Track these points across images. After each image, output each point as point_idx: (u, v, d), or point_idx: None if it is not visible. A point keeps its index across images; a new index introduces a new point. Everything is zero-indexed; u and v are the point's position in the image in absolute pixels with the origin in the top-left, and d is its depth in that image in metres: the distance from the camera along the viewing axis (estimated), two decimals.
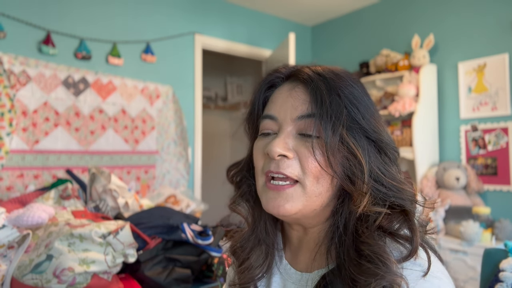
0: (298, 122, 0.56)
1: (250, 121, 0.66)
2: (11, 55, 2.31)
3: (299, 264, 0.62)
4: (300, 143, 0.56)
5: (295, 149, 0.56)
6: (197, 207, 2.32)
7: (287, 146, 0.55)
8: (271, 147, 0.55)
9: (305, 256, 0.62)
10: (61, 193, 1.49)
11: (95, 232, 1.05)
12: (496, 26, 2.63)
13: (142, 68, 2.88)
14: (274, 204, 0.56)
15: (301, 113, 0.56)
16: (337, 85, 0.55)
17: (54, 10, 2.52)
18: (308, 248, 0.61)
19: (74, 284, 0.97)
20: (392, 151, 0.57)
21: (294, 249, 0.64)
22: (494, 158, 2.61)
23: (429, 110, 2.84)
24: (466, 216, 2.50)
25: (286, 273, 0.63)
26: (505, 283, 0.89)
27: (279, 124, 0.58)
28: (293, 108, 0.57)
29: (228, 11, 3.37)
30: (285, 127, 0.57)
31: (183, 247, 1.26)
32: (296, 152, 0.55)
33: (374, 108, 0.58)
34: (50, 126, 2.45)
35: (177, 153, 3.05)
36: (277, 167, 0.55)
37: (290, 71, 0.61)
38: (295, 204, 0.55)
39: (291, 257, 0.64)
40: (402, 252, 0.51)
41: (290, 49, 3.04)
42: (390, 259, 0.49)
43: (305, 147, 0.55)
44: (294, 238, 0.64)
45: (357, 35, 3.53)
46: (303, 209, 0.56)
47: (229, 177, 0.69)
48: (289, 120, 0.57)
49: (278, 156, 0.55)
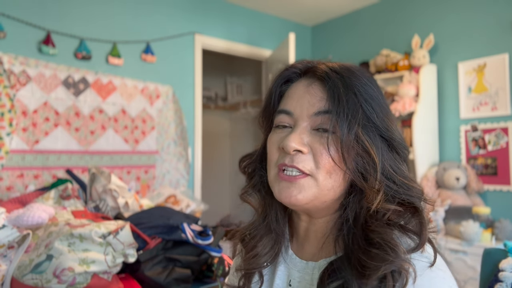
0: (314, 118, 0.58)
1: (265, 114, 0.67)
2: (11, 55, 2.31)
3: (305, 254, 0.64)
4: (315, 138, 0.57)
5: (310, 144, 0.57)
6: (197, 207, 2.33)
7: (302, 141, 0.57)
8: (287, 142, 0.56)
9: (311, 246, 0.63)
10: (61, 193, 1.49)
11: (95, 232, 1.05)
12: (496, 26, 2.63)
13: (142, 68, 2.88)
14: (286, 194, 0.57)
15: (317, 110, 0.57)
16: (353, 83, 0.57)
17: (54, 10, 2.52)
18: (315, 238, 0.63)
19: (74, 284, 0.97)
20: (403, 150, 0.59)
21: (300, 240, 0.66)
22: (494, 158, 2.61)
23: (429, 110, 2.84)
24: (466, 216, 2.50)
25: (291, 262, 0.64)
26: (504, 283, 0.89)
27: (295, 120, 0.59)
28: (310, 104, 0.58)
29: (228, 11, 3.37)
30: (301, 122, 0.58)
31: (183, 247, 1.26)
32: (310, 147, 0.57)
33: (388, 107, 0.60)
34: (50, 126, 2.46)
35: (177, 153, 3.05)
36: (291, 161, 0.57)
37: (307, 66, 0.62)
38: (307, 195, 0.56)
39: (297, 248, 0.66)
40: (410, 245, 0.53)
41: (290, 49, 3.04)
42: (399, 246, 0.50)
43: (320, 143, 0.56)
44: (301, 229, 0.65)
45: (357, 35, 3.53)
46: (314, 200, 0.57)
47: (241, 168, 0.70)
48: (305, 116, 0.58)
49: (294, 151, 0.56)
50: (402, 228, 0.54)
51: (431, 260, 0.52)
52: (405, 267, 0.49)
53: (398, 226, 0.54)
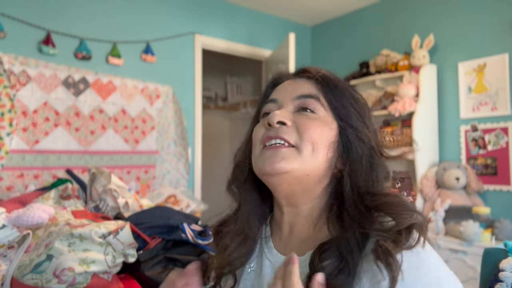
0: (297, 102, 0.61)
1: (255, 121, 0.70)
2: (11, 55, 2.31)
3: (291, 250, 0.62)
4: (299, 115, 0.60)
5: (294, 120, 0.60)
6: (197, 207, 2.33)
7: (286, 115, 0.60)
8: (271, 116, 0.59)
9: (297, 241, 0.62)
10: (61, 193, 1.49)
11: (95, 232, 1.05)
12: (496, 26, 2.63)
13: (142, 68, 2.88)
14: (270, 161, 0.57)
15: (300, 93, 0.61)
16: (339, 82, 0.63)
17: (54, 10, 2.52)
18: (300, 232, 0.62)
19: (74, 284, 0.97)
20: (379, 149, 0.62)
21: (284, 237, 0.64)
22: (494, 158, 2.61)
23: (429, 110, 2.84)
24: (466, 216, 2.50)
25: (276, 261, 0.63)
26: (505, 283, 0.89)
27: (279, 105, 0.63)
28: (293, 90, 0.62)
29: (228, 11, 3.37)
30: (285, 105, 0.62)
31: (183, 247, 1.26)
32: (294, 122, 0.59)
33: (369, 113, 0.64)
34: (50, 126, 2.45)
35: (177, 153, 3.05)
36: (276, 132, 0.59)
37: (295, 70, 0.67)
38: (290, 162, 0.57)
39: (282, 246, 0.64)
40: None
41: (290, 49, 3.04)
42: (409, 202, 0.54)
43: (304, 118, 0.59)
44: (285, 224, 0.64)
45: (357, 35, 3.53)
46: (297, 170, 0.57)
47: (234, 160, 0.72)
48: (289, 100, 0.62)
49: (277, 123, 0.59)
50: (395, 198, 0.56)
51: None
52: (422, 221, 0.51)
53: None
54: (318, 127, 0.58)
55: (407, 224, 0.50)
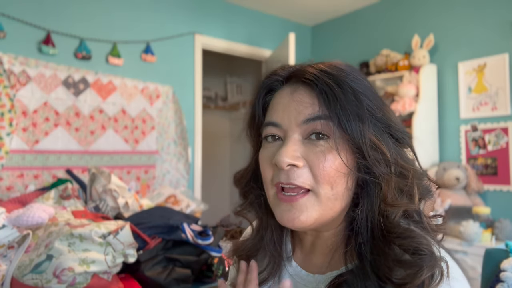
0: (304, 127, 0.53)
1: (251, 128, 0.63)
2: (11, 55, 2.31)
3: (312, 266, 0.60)
4: (309, 148, 0.53)
5: (304, 156, 0.52)
6: (197, 207, 2.32)
7: (296, 154, 0.52)
8: (279, 157, 0.51)
9: (319, 259, 0.60)
10: (61, 193, 1.49)
11: (95, 232, 1.05)
12: (496, 26, 2.63)
13: (142, 68, 2.88)
14: (288, 217, 0.53)
15: (307, 117, 0.53)
16: (346, 79, 0.52)
17: (54, 10, 2.51)
18: (322, 251, 0.59)
19: (74, 284, 0.97)
20: (404, 136, 0.56)
21: (306, 252, 0.62)
22: (494, 158, 2.61)
23: (429, 110, 2.84)
24: (466, 216, 2.50)
25: (297, 276, 0.61)
26: (506, 283, 0.89)
27: (284, 131, 0.55)
28: (297, 112, 0.53)
29: (228, 11, 3.37)
30: (291, 133, 0.54)
31: (183, 247, 1.26)
32: (305, 160, 0.52)
33: (381, 98, 0.57)
34: (50, 126, 2.45)
35: (177, 153, 3.05)
36: (287, 177, 0.52)
37: (289, 72, 0.58)
38: (310, 214, 0.52)
39: (303, 260, 0.62)
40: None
41: (290, 49, 3.04)
42: (432, 246, 0.48)
43: (315, 153, 0.52)
44: (307, 242, 0.62)
45: (357, 35, 3.53)
46: (319, 219, 0.53)
47: (235, 184, 0.67)
48: (294, 125, 0.54)
49: (287, 166, 0.52)
50: (420, 224, 0.52)
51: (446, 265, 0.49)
52: (442, 266, 0.47)
53: (414, 222, 0.52)
54: (334, 162, 0.51)
55: (428, 274, 0.46)
